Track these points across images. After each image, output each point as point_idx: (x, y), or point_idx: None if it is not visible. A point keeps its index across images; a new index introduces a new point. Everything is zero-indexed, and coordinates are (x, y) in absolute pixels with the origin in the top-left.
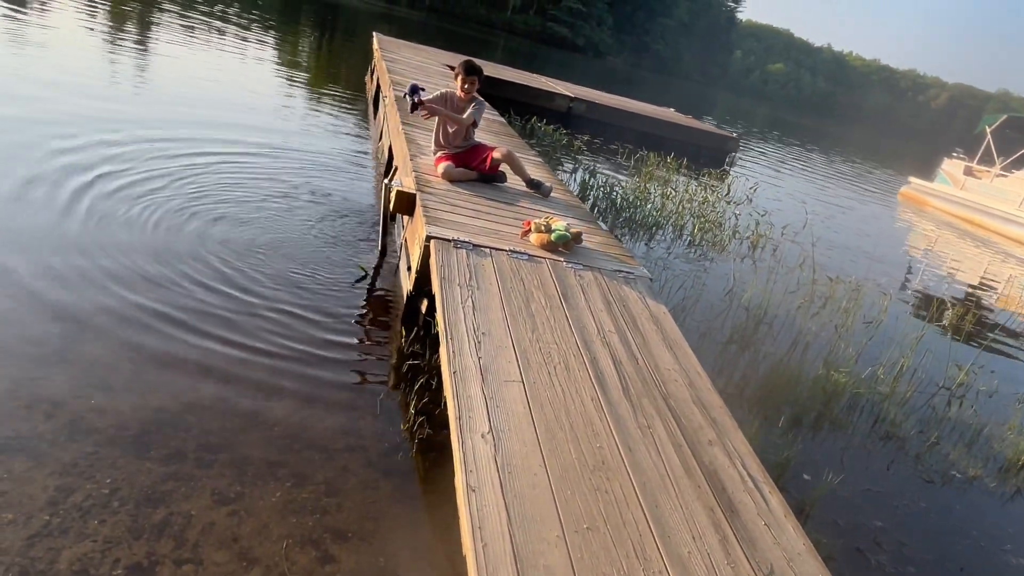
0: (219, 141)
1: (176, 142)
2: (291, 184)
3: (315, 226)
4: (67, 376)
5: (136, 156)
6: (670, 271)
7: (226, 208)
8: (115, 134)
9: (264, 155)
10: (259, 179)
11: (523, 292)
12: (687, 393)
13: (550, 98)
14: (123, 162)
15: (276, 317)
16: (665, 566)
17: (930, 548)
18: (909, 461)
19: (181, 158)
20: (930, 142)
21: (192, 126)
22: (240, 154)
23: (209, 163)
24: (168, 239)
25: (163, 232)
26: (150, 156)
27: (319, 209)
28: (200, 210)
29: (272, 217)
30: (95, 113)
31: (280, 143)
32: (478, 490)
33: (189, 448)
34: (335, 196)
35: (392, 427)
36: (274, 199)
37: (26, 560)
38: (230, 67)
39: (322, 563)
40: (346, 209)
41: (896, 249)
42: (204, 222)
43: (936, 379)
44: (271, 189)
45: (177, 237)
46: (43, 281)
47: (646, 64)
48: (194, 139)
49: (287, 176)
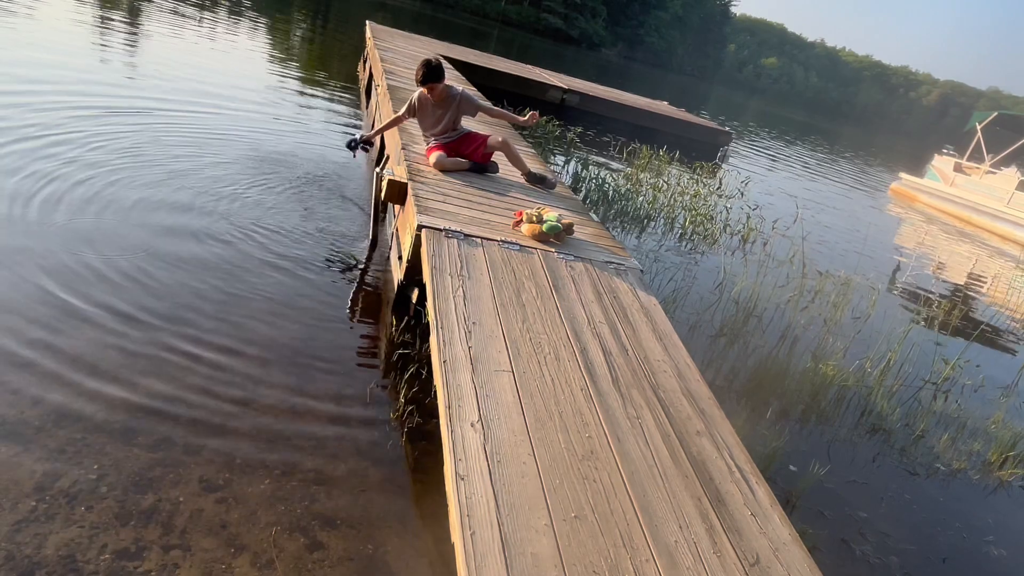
0: (204, 127)
1: (152, 131)
2: (281, 174)
3: (305, 215)
4: (54, 362)
5: (110, 147)
6: (661, 263)
7: (212, 198)
8: (95, 121)
9: (252, 144)
10: (247, 169)
11: (514, 282)
12: (676, 384)
13: (543, 90)
14: (99, 152)
15: (265, 306)
16: (652, 555)
17: (914, 539)
18: (894, 454)
19: (154, 148)
20: (921, 138)
21: (175, 115)
22: (226, 143)
23: (191, 151)
24: (147, 229)
25: (140, 222)
26: (126, 146)
27: (309, 198)
28: (184, 198)
29: (260, 206)
30: (82, 101)
31: (270, 132)
32: (467, 478)
33: (177, 435)
34: (325, 185)
35: (382, 416)
36: (262, 189)
37: (12, 545)
38: (218, 54)
39: (310, 550)
40: (337, 198)
41: (885, 244)
42: (188, 209)
43: (922, 373)
44: (259, 179)
45: (155, 227)
46: (30, 266)
47: (640, 57)
48: (175, 126)
49: (276, 166)
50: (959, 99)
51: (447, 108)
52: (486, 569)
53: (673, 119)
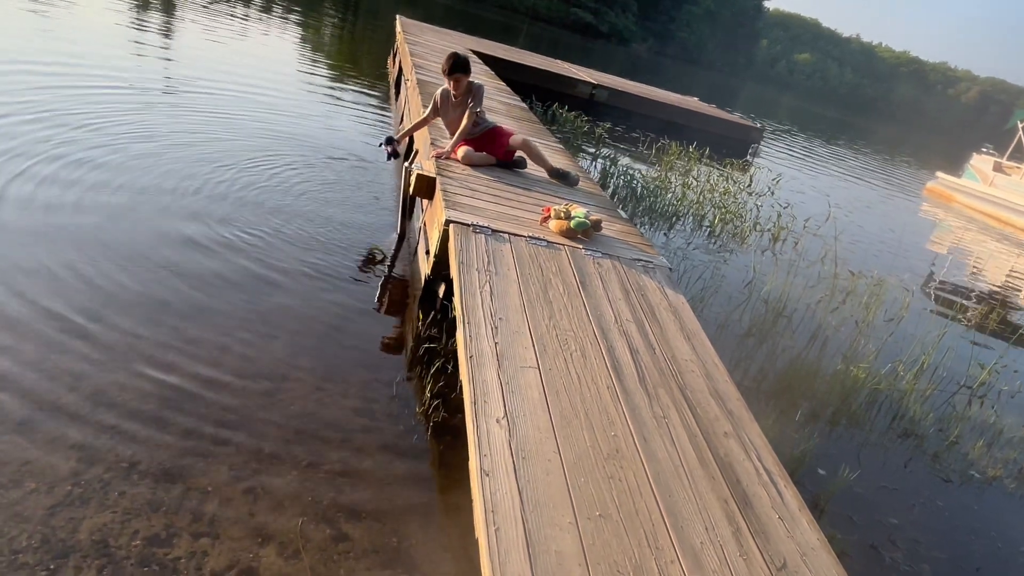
0: (237, 120)
1: (186, 124)
2: (310, 167)
3: (334, 208)
4: (88, 350)
5: (141, 140)
6: (689, 261)
7: (244, 187)
8: (125, 119)
9: (283, 137)
10: (276, 160)
11: (541, 278)
12: (704, 384)
13: (572, 84)
14: (137, 141)
15: (293, 299)
16: (677, 556)
17: (946, 547)
18: (927, 459)
19: (184, 136)
20: (959, 137)
21: (207, 111)
22: (259, 135)
23: (222, 142)
24: (179, 218)
25: (174, 213)
26: (158, 139)
27: (338, 191)
28: (219, 188)
29: (290, 198)
30: (119, 98)
31: (300, 125)
32: (492, 474)
33: (207, 424)
34: (355, 179)
35: (407, 409)
36: (291, 181)
37: (48, 529)
38: (250, 48)
39: (336, 541)
40: (365, 192)
41: (920, 245)
42: (221, 199)
43: (957, 377)
44: (288, 171)
45: (190, 215)
46: (65, 256)
47: (670, 52)
48: (209, 122)
49: (306, 159)
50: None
51: (465, 106)
52: (510, 566)
53: (703, 115)
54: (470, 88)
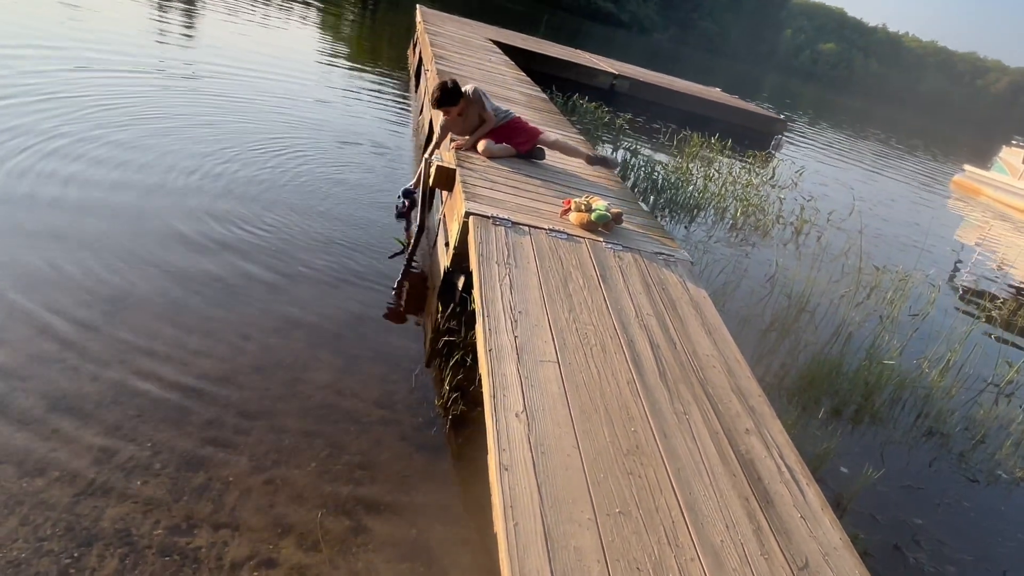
0: (257, 110)
1: (211, 118)
2: (330, 157)
3: (354, 199)
4: (112, 340)
5: (164, 132)
6: (711, 255)
7: (263, 182)
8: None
9: (303, 127)
10: (297, 151)
11: (561, 272)
12: (725, 380)
13: (593, 75)
14: (152, 135)
15: (314, 289)
16: (697, 554)
17: (972, 548)
18: (952, 459)
19: (200, 120)
20: (987, 129)
21: (231, 100)
22: (279, 125)
23: (248, 132)
24: (201, 208)
25: (194, 202)
26: (177, 131)
27: (359, 182)
28: (238, 180)
29: (310, 189)
30: (144, 90)
31: (320, 115)
32: (511, 469)
33: (228, 415)
34: (375, 169)
35: (426, 402)
36: (312, 171)
37: (72, 517)
38: (273, 39)
39: (355, 533)
40: (386, 182)
41: (946, 239)
42: (239, 191)
43: (984, 375)
44: (309, 162)
45: (212, 205)
46: (89, 245)
47: (692, 41)
48: (233, 112)
49: (326, 149)
50: None
51: (475, 116)
52: (528, 561)
53: (726, 106)
54: (468, 103)
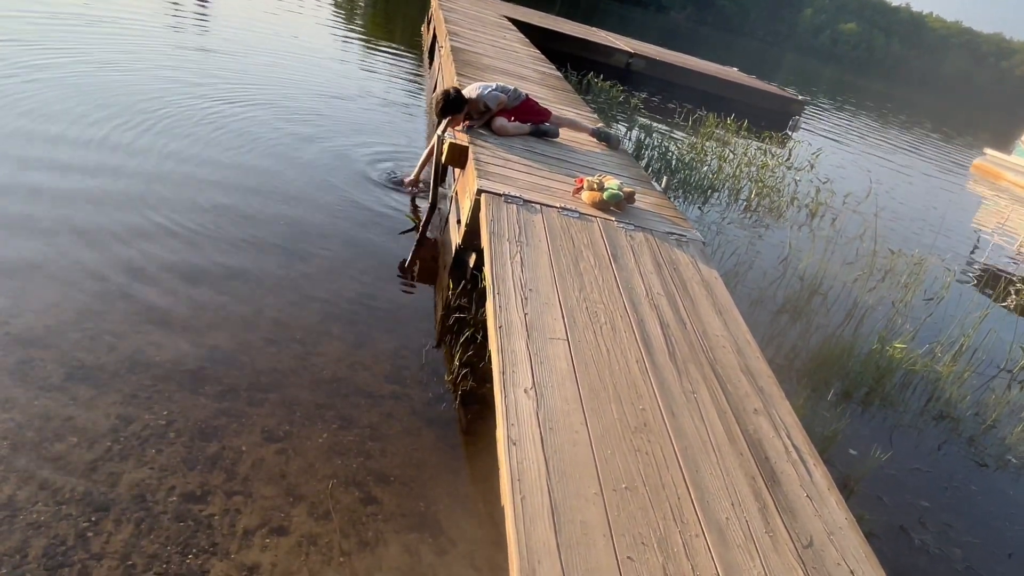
0: (271, 87)
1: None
2: (343, 134)
3: (367, 175)
4: (128, 311)
5: (179, 111)
6: (724, 236)
7: (275, 156)
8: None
9: (316, 103)
10: (310, 127)
11: (572, 250)
12: (735, 360)
13: (608, 53)
14: (168, 119)
15: (326, 265)
16: (702, 530)
17: (978, 532)
18: (962, 443)
19: (220, 106)
20: (1011, 111)
21: (242, 77)
22: (292, 100)
23: (257, 111)
24: (214, 185)
25: (206, 180)
26: (187, 109)
27: (372, 159)
28: (252, 154)
29: (323, 165)
30: (154, 74)
31: (334, 92)
32: (519, 443)
33: (241, 386)
34: (387, 147)
35: (436, 377)
36: (326, 147)
37: (89, 482)
38: (285, 15)
39: (365, 504)
40: (398, 160)
41: (964, 224)
42: (250, 165)
43: (997, 360)
44: (322, 138)
45: (222, 181)
46: (105, 221)
47: (710, 20)
48: (242, 90)
49: (340, 125)
50: None
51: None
52: (535, 534)
53: (742, 86)
54: (472, 108)
